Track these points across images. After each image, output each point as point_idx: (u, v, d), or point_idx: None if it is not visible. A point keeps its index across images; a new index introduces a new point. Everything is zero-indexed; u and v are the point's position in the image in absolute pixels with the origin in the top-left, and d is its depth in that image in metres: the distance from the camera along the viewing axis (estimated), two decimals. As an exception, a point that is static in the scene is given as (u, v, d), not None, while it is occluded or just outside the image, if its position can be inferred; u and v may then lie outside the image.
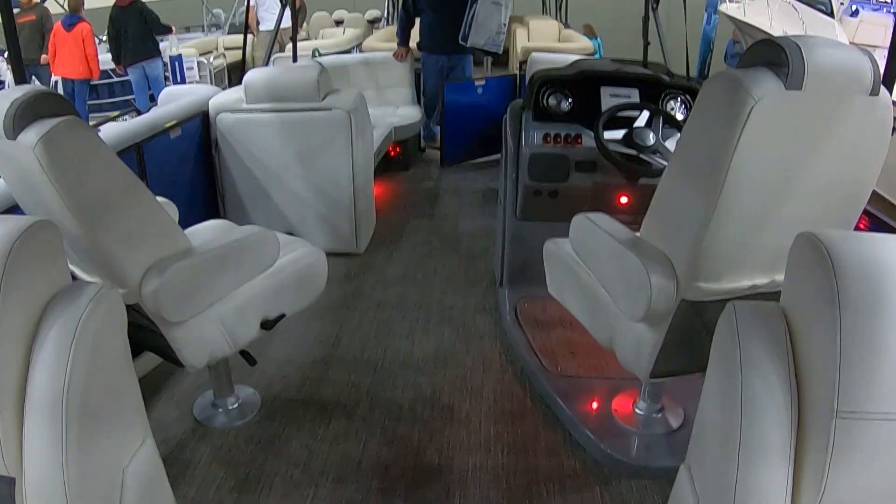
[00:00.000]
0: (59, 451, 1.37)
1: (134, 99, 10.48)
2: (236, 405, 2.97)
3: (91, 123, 3.69)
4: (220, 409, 2.94)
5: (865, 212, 2.38)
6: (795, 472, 1.25)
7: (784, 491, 1.25)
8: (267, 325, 2.68)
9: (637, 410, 2.81)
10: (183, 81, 10.81)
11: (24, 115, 1.93)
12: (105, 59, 10.34)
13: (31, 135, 1.91)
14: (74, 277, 1.67)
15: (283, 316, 2.74)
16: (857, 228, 2.18)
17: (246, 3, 9.05)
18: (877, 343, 1.14)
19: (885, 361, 1.13)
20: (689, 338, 2.17)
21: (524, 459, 2.69)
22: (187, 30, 15.66)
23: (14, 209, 2.37)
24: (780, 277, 2.02)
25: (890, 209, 2.52)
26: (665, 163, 3.01)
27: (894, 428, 1.15)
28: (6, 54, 2.96)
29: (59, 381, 1.37)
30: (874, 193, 2.07)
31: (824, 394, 1.18)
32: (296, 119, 4.08)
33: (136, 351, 2.44)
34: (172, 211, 2.69)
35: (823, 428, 1.19)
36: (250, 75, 4.12)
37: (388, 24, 13.01)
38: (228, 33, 14.40)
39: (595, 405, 2.89)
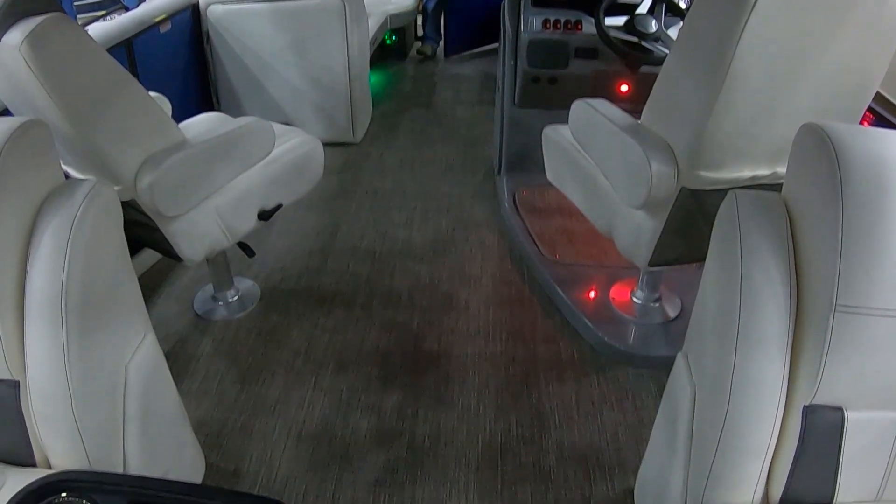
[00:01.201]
0: (60, 351, 1.37)
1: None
2: (236, 298, 2.98)
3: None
4: (221, 303, 2.96)
5: (870, 109, 2.33)
6: (792, 363, 1.27)
7: (780, 381, 1.27)
8: (264, 215, 2.67)
9: (635, 299, 2.83)
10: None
11: (8, 14, 1.86)
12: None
13: (15, 34, 1.85)
14: (68, 177, 1.64)
15: (280, 206, 2.73)
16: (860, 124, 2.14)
17: None
18: (878, 239, 1.12)
19: (887, 258, 1.12)
20: (689, 227, 2.16)
21: (522, 346, 2.73)
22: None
23: (4, 113, 2.32)
24: (781, 170, 2.00)
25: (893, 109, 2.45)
26: (667, 51, 2.94)
27: (892, 325, 1.15)
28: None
29: (57, 281, 1.36)
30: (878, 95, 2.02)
31: (823, 287, 1.18)
32: (289, 8, 3.96)
33: (135, 248, 2.45)
34: (165, 106, 2.63)
35: (821, 321, 1.19)
36: None
37: None
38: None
39: (593, 293, 2.91)
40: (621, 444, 2.28)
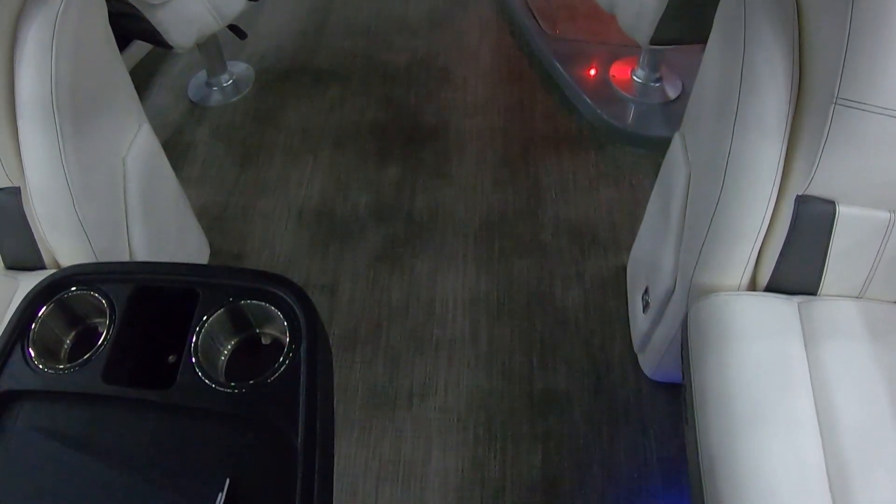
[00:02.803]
0: (56, 151, 1.37)
1: None
2: (230, 82, 2.92)
3: None
4: (215, 88, 2.91)
5: None
6: (788, 152, 1.26)
7: (775, 167, 1.27)
8: None
9: (635, 78, 2.76)
10: None
11: None
12: None
13: None
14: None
15: None
16: None
17: None
18: (886, 36, 1.08)
19: (892, 56, 1.08)
20: (693, 5, 2.06)
21: (520, 121, 2.71)
22: None
23: None
24: None
25: None
26: None
27: (891, 124, 1.13)
28: None
29: (45, 81, 1.33)
30: None
31: (826, 78, 1.15)
32: None
33: (124, 42, 2.35)
34: None
35: (821, 112, 1.17)
36: None
37: None
38: None
39: (593, 71, 2.84)
40: (616, 221, 2.33)
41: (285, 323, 0.97)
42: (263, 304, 0.99)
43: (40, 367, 0.95)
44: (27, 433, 0.90)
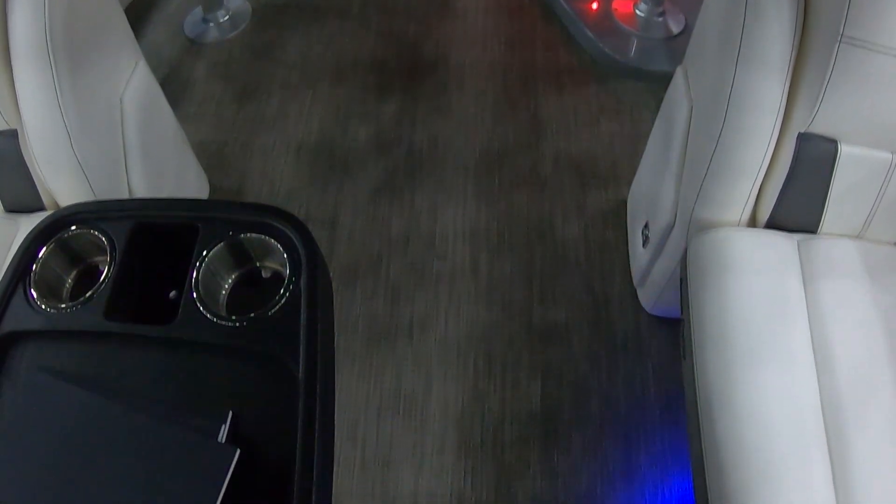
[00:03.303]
0: (52, 92, 1.35)
1: None
2: (227, 17, 2.87)
3: None
4: (212, 24, 2.85)
5: None
6: (791, 89, 1.25)
7: (778, 104, 1.26)
8: None
9: (638, 12, 2.70)
10: None
11: None
12: None
13: None
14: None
15: None
16: None
17: None
18: None
19: None
20: None
21: (521, 54, 2.68)
22: None
23: None
24: None
25: None
26: None
27: None
28: None
29: (39, 22, 1.31)
30: None
31: (832, 15, 1.13)
32: None
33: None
34: None
35: (825, 49, 1.15)
36: None
37: None
38: None
39: (595, 4, 2.78)
40: (617, 155, 2.32)
41: (285, 255, 0.97)
42: (263, 237, 1.00)
43: (42, 307, 0.95)
44: (32, 373, 0.92)
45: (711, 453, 1.17)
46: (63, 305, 0.95)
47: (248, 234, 1.00)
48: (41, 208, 1.54)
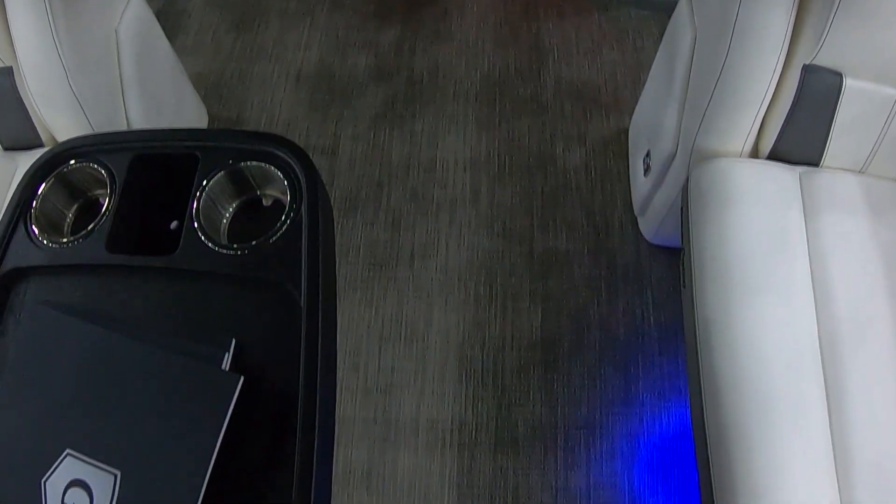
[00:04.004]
0: (47, 26, 1.34)
1: None
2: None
3: None
4: None
5: None
6: (797, 18, 1.23)
7: (783, 34, 1.24)
8: None
9: None
10: None
11: None
12: None
13: None
14: None
15: None
16: None
17: None
18: None
19: None
20: None
21: (523, -22, 2.62)
22: None
23: None
24: None
25: None
26: None
27: None
28: None
29: None
30: None
31: None
32: None
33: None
34: None
35: None
36: None
37: None
38: None
39: None
40: (619, 84, 2.29)
41: (286, 182, 0.97)
42: (263, 164, 0.99)
43: (44, 242, 0.95)
44: (36, 307, 0.92)
45: (709, 381, 1.18)
46: (64, 240, 0.95)
47: (249, 163, 0.99)
48: (40, 145, 1.54)
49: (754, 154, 1.43)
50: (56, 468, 0.79)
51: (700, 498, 1.20)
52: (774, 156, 1.39)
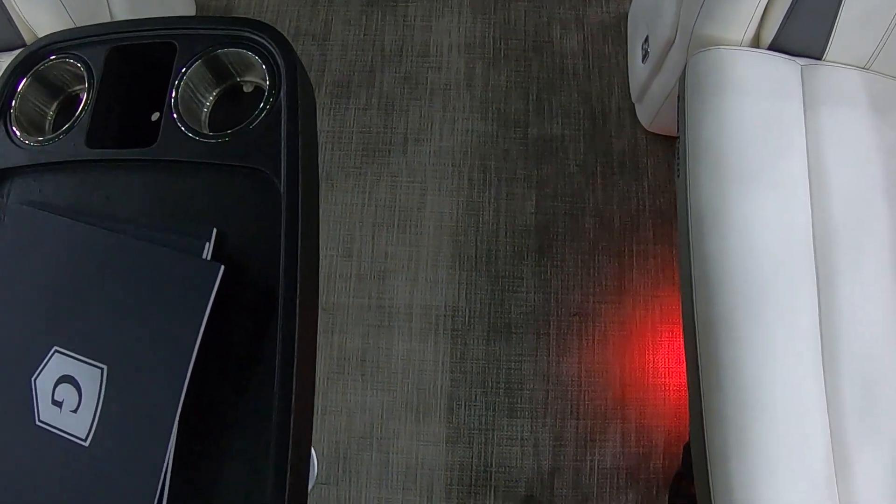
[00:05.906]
0: None
1: None
2: None
3: None
4: None
5: None
6: None
7: None
8: None
9: None
10: None
11: None
12: None
13: None
14: None
15: None
16: None
17: None
18: None
19: None
20: None
21: None
22: None
23: None
24: None
25: None
26: None
27: None
28: None
29: None
30: None
31: None
32: None
33: None
34: None
35: None
36: None
37: None
38: None
39: None
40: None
41: (264, 68, 0.94)
42: (242, 51, 0.96)
43: (25, 141, 0.94)
44: (16, 206, 0.91)
45: (700, 270, 1.19)
46: (41, 138, 0.94)
47: (227, 49, 0.97)
48: (23, 45, 1.49)
49: (755, 44, 1.38)
50: (45, 366, 0.80)
51: (688, 389, 1.22)
52: (776, 46, 1.35)
